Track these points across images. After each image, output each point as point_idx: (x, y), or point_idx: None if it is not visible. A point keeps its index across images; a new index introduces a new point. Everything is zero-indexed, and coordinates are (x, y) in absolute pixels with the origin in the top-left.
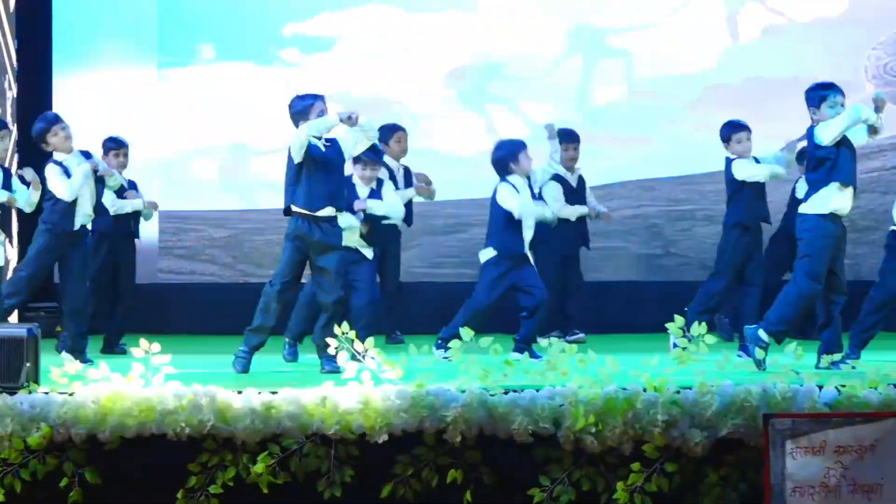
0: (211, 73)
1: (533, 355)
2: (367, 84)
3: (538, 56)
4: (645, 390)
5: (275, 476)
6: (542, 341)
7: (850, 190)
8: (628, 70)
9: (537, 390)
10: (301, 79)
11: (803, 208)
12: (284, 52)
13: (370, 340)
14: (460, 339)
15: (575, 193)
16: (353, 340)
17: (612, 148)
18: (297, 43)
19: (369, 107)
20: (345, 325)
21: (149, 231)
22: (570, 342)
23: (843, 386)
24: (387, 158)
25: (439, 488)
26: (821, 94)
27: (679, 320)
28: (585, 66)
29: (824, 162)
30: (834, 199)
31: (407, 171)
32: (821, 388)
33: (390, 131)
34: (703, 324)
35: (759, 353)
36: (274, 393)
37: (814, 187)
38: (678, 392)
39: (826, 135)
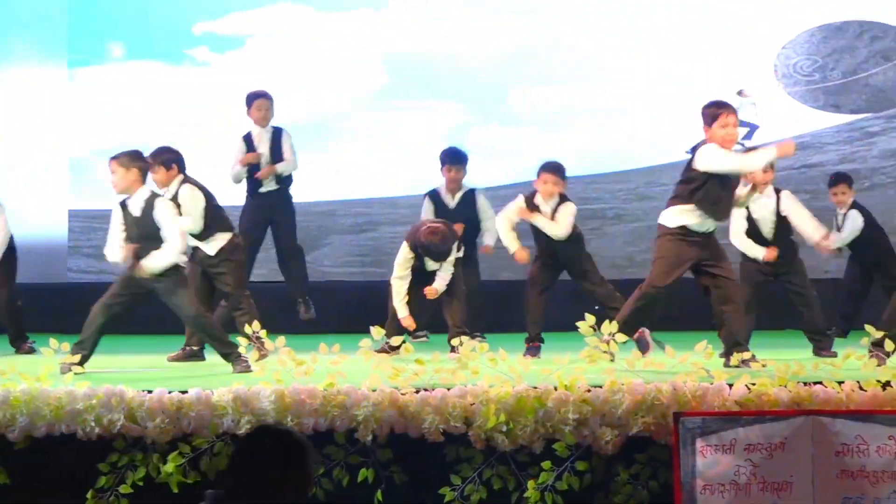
0: (121, 72)
1: None
2: (277, 83)
3: (451, 55)
4: (556, 389)
5: (185, 476)
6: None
7: (708, 219)
8: (541, 69)
9: (448, 389)
10: (212, 78)
11: (662, 215)
12: (195, 50)
13: (282, 339)
14: None
15: (451, 215)
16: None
17: (523, 146)
18: (207, 42)
19: (279, 106)
20: (256, 323)
21: (58, 230)
22: None
23: (753, 384)
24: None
25: (350, 487)
26: (714, 113)
27: (590, 318)
28: (499, 65)
29: (693, 182)
30: (686, 217)
31: (275, 134)
32: (731, 386)
33: (252, 98)
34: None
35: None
36: (184, 392)
37: (675, 199)
38: (589, 390)
39: (703, 163)
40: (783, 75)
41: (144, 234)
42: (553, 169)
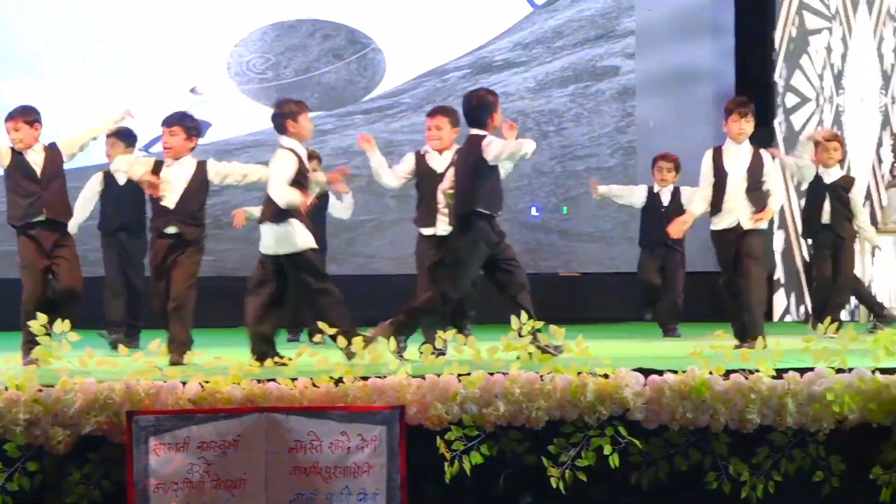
0: None
1: None
2: None
3: None
4: (7, 389)
5: None
6: None
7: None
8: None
9: None
10: None
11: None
12: None
13: None
14: None
15: None
16: None
17: None
18: None
19: None
20: None
21: None
22: None
23: (207, 382)
24: None
25: None
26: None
27: (41, 318)
28: None
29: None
30: None
31: None
32: (185, 383)
33: None
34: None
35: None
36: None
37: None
38: (41, 390)
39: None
40: (236, 73)
41: None
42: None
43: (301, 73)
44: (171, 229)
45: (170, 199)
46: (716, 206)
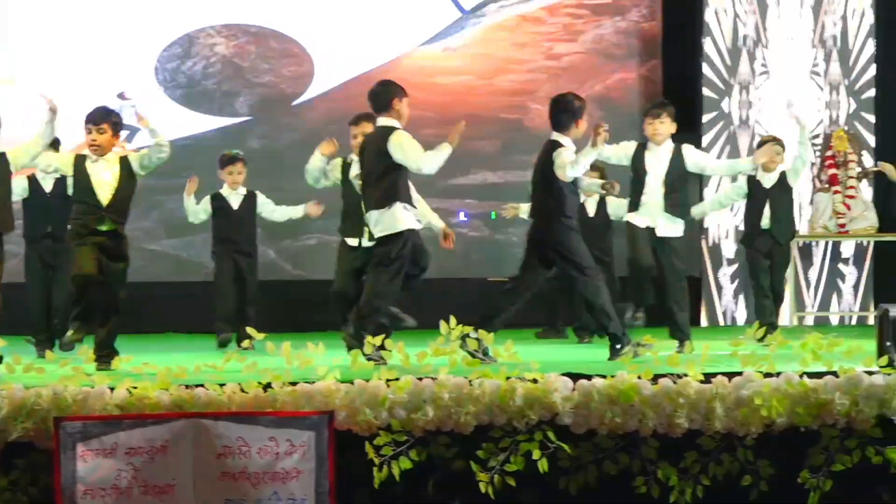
0: None
1: None
2: None
3: None
4: None
5: None
6: None
7: None
8: None
9: None
10: None
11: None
12: None
13: None
14: None
15: None
16: None
17: None
18: None
19: None
20: None
21: None
22: None
23: (135, 387)
24: None
25: None
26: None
27: None
28: None
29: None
30: None
31: None
32: (112, 389)
33: None
34: None
35: None
36: None
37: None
38: None
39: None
40: (164, 79)
41: None
42: None
43: (229, 79)
44: (106, 226)
45: (102, 196)
46: (634, 204)
